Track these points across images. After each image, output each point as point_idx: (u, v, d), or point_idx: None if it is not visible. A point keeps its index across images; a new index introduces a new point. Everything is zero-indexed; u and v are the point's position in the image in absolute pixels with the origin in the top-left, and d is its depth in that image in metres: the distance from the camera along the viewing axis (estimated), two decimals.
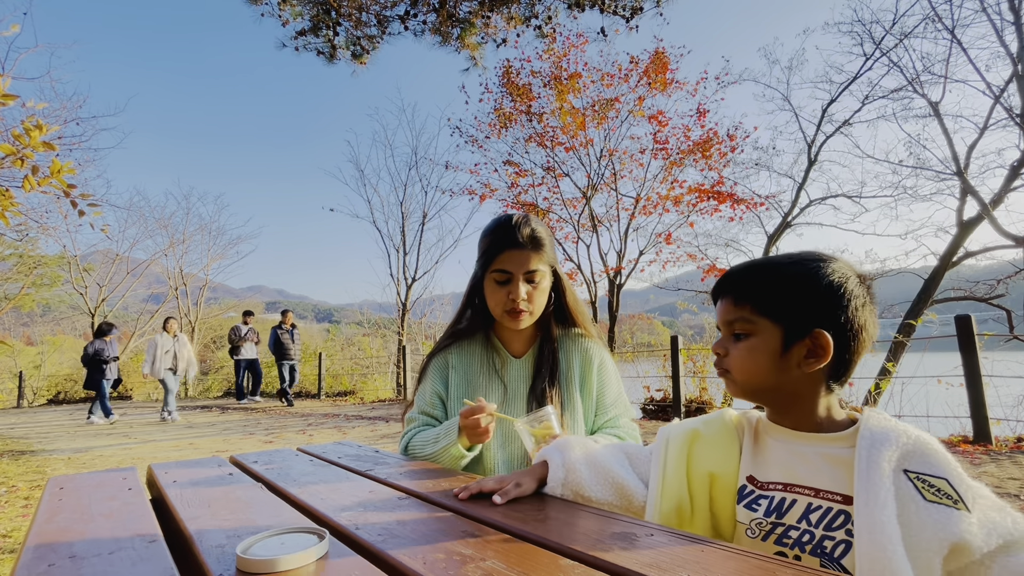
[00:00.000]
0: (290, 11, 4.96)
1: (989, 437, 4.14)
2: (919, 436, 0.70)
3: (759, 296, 0.77)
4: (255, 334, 10.26)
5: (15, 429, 8.37)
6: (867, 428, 0.72)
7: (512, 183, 11.80)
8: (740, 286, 0.79)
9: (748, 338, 0.77)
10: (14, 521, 3.03)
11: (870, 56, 10.70)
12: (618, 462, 0.90)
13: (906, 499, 0.65)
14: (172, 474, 1.10)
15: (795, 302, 0.75)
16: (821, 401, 0.77)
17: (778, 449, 0.79)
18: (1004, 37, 9.41)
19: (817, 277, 0.75)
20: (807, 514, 0.72)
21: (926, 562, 0.62)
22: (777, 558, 0.60)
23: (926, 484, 0.65)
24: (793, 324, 0.74)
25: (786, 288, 0.75)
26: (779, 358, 0.75)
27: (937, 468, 0.67)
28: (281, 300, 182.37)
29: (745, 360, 0.77)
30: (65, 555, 0.66)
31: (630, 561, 0.59)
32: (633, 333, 15.66)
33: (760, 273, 0.78)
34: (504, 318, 1.26)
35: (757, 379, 0.78)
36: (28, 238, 15.72)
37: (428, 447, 1.20)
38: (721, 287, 0.83)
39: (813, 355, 0.74)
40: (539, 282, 1.26)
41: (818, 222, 18.87)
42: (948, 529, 0.62)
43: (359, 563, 0.60)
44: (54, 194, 3.04)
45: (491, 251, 1.24)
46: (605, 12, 4.79)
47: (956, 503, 0.64)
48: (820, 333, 0.73)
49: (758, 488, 0.78)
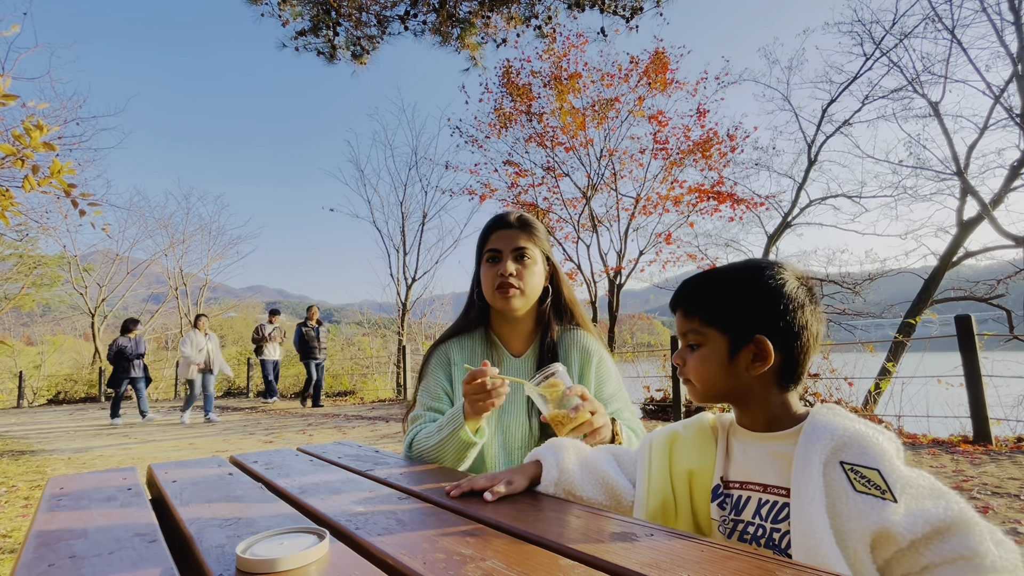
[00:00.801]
0: (290, 11, 4.96)
1: (989, 437, 4.14)
2: (857, 429, 0.72)
3: (705, 307, 0.82)
4: (280, 333, 9.79)
5: (15, 429, 8.37)
6: (811, 424, 0.75)
7: (512, 183, 11.81)
8: (689, 299, 0.84)
9: (700, 348, 0.82)
10: (14, 521, 3.03)
11: (870, 56, 10.71)
12: (607, 463, 0.94)
13: (838, 490, 0.67)
14: (172, 474, 1.10)
15: (737, 311, 0.79)
16: (773, 400, 0.81)
17: (738, 449, 0.84)
18: (1004, 37, 9.42)
19: (756, 285, 0.79)
20: (759, 509, 0.77)
21: (853, 550, 0.64)
22: (778, 558, 0.60)
23: (858, 475, 0.68)
24: (737, 332, 0.79)
25: (728, 298, 0.80)
26: (728, 364, 0.80)
27: (870, 459, 0.69)
28: (281, 300, 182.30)
29: (699, 369, 0.82)
30: (65, 555, 0.66)
31: (630, 561, 0.59)
32: (633, 333, 15.68)
33: (706, 285, 0.83)
34: (495, 297, 1.27)
35: (711, 385, 0.82)
36: (28, 238, 15.73)
37: (433, 437, 1.17)
38: (675, 300, 0.87)
39: (759, 359, 0.78)
40: (529, 262, 1.27)
41: (818, 222, 18.86)
42: (871, 518, 0.64)
43: (359, 563, 0.60)
44: (54, 194, 3.04)
45: (483, 236, 1.31)
46: (605, 12, 4.79)
47: (884, 493, 0.66)
48: (761, 339, 0.77)
49: (727, 488, 0.83)
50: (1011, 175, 9.38)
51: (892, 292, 11.44)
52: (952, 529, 0.63)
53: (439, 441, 1.15)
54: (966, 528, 0.63)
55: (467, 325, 1.36)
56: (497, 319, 1.35)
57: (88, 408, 12.68)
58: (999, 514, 2.62)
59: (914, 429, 4.85)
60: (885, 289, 11.27)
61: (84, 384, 15.84)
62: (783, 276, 0.79)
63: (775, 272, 0.80)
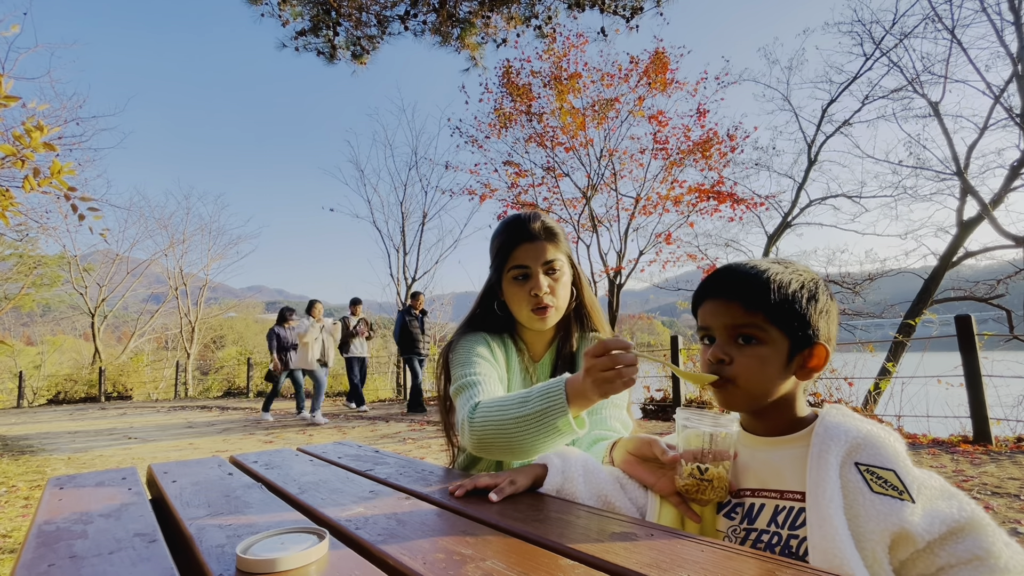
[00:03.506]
0: (290, 11, 4.96)
1: (989, 437, 4.13)
2: (870, 430, 0.72)
3: (773, 306, 0.76)
4: (366, 326, 8.25)
5: (15, 429, 8.37)
6: (822, 425, 0.74)
7: (512, 183, 11.81)
8: (754, 292, 0.77)
9: (759, 345, 0.76)
10: (14, 521, 3.03)
11: (870, 56, 10.71)
12: (612, 485, 0.90)
13: (855, 491, 0.67)
14: (172, 474, 1.10)
15: (804, 316, 0.76)
16: (797, 405, 0.80)
17: (747, 456, 0.82)
18: (1004, 37, 9.42)
19: (824, 293, 0.78)
20: (775, 516, 0.75)
21: (872, 551, 0.63)
22: (778, 558, 0.60)
23: (874, 476, 0.67)
24: (800, 337, 0.76)
25: (801, 301, 0.76)
26: (783, 369, 0.77)
27: (885, 460, 0.68)
28: (281, 300, 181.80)
29: (754, 369, 0.76)
30: (65, 555, 0.66)
31: (630, 561, 0.59)
32: (633, 333, 15.68)
33: (776, 283, 0.76)
34: (531, 319, 1.18)
35: (762, 389, 0.77)
36: (28, 238, 15.74)
37: (512, 409, 0.95)
38: (725, 288, 0.79)
39: (814, 368, 0.77)
40: (560, 273, 1.20)
41: (818, 222, 18.87)
42: (890, 519, 0.64)
43: (359, 563, 0.60)
44: (54, 194, 3.04)
45: (504, 249, 1.19)
46: (605, 12, 4.79)
47: (901, 494, 0.65)
48: (823, 348, 0.76)
49: (734, 496, 0.81)
50: (1011, 175, 9.38)
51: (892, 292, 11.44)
52: (966, 530, 0.64)
53: (525, 417, 0.93)
54: (980, 529, 0.64)
55: (493, 327, 1.26)
56: (519, 324, 1.27)
57: (88, 408, 12.68)
58: (999, 514, 2.62)
59: (914, 429, 4.84)
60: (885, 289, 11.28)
61: (84, 384, 15.84)
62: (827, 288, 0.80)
63: (822, 281, 0.80)
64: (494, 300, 1.26)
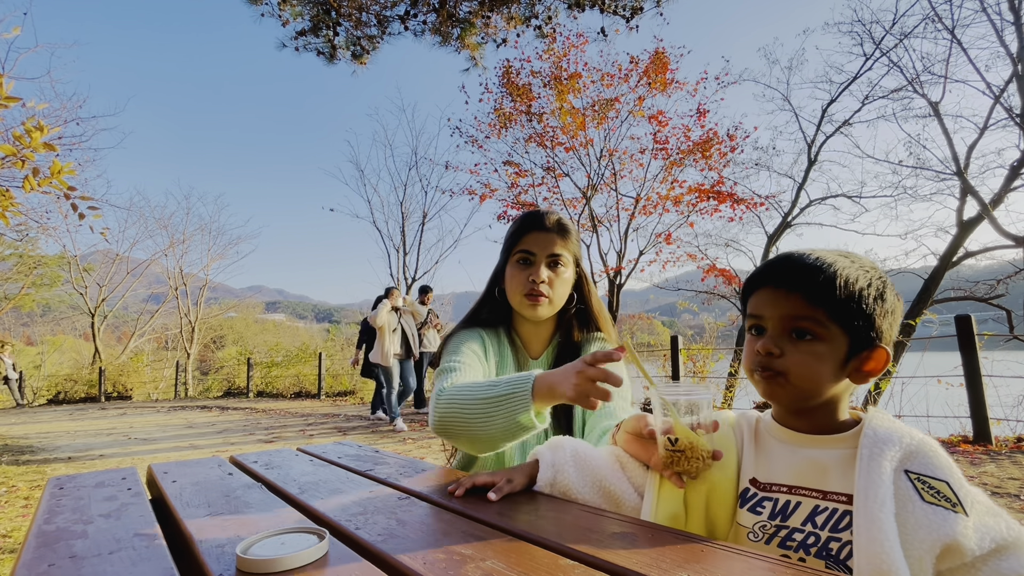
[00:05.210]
0: (290, 11, 4.96)
1: (989, 437, 4.13)
2: (922, 438, 0.70)
3: (837, 301, 0.71)
4: (436, 318, 7.34)
5: (15, 429, 8.37)
6: (871, 427, 0.72)
7: (512, 183, 11.81)
8: (815, 285, 0.72)
9: (816, 342, 0.72)
10: (14, 521, 3.03)
11: (870, 56, 10.71)
12: (610, 467, 0.88)
13: (904, 499, 0.65)
14: (172, 474, 1.10)
15: (870, 316, 0.72)
16: (842, 407, 0.77)
17: (783, 451, 0.78)
18: (1004, 37, 9.42)
19: (892, 294, 0.74)
20: (813, 516, 0.71)
21: (918, 560, 0.63)
22: (778, 558, 0.59)
23: (926, 485, 0.66)
24: (862, 337, 0.72)
25: (867, 300, 0.72)
26: (840, 368, 0.73)
27: (938, 471, 0.67)
28: (281, 300, 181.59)
29: (810, 365, 0.72)
30: (65, 555, 0.66)
31: (630, 561, 0.59)
32: (633, 333, 15.66)
33: (839, 276, 0.71)
34: (522, 303, 1.21)
35: (815, 387, 0.73)
36: (28, 238, 15.75)
37: (479, 391, 0.96)
38: (786, 277, 0.75)
39: (870, 370, 0.73)
40: (562, 270, 1.22)
41: (818, 222, 18.91)
42: (943, 530, 0.62)
43: (359, 563, 0.60)
44: (54, 194, 3.04)
45: (515, 235, 1.23)
46: (605, 12, 4.80)
47: (955, 506, 0.64)
48: (885, 351, 0.72)
49: (761, 490, 0.77)
50: (1011, 175, 9.38)
51: None
52: (1011, 548, 0.64)
53: (487, 399, 0.94)
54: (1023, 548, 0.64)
55: (490, 320, 1.29)
56: (519, 319, 1.30)
57: (88, 408, 12.68)
58: None
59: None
60: None
61: (84, 384, 15.84)
62: (893, 285, 0.75)
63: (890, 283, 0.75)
64: (496, 286, 1.29)
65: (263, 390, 13.41)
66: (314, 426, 6.99)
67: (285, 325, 43.08)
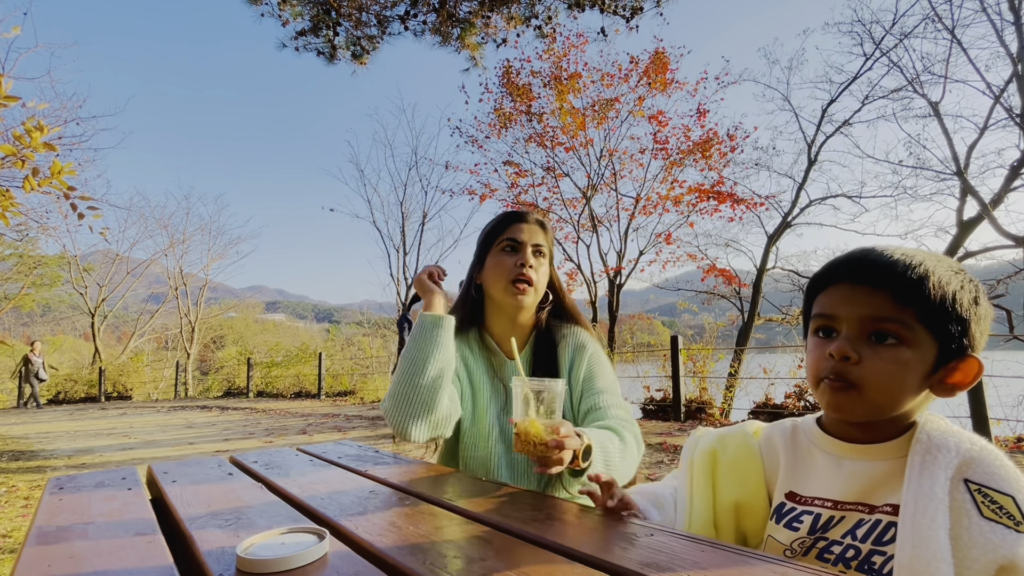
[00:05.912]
0: (290, 11, 4.96)
1: (989, 437, 4.14)
2: (984, 445, 0.63)
3: (930, 303, 0.63)
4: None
5: (15, 429, 8.37)
6: (924, 432, 0.65)
7: (512, 183, 11.81)
8: (905, 283, 0.63)
9: (900, 347, 0.64)
10: (14, 521, 3.03)
11: (870, 56, 10.69)
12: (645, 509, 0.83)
13: (959, 512, 0.59)
14: (172, 474, 1.10)
15: (965, 321, 0.64)
16: (911, 419, 0.70)
17: (826, 462, 0.72)
18: (1004, 37, 9.40)
19: (982, 297, 0.66)
20: (854, 529, 0.66)
21: None
22: (779, 558, 0.59)
23: (987, 499, 0.59)
24: (952, 344, 0.64)
25: (960, 303, 0.64)
26: (925, 378, 0.65)
27: (1005, 484, 0.60)
28: (281, 300, 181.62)
29: (893, 373, 0.64)
30: (65, 555, 0.66)
31: (630, 561, 0.59)
32: (633, 333, 15.65)
33: (931, 275, 0.63)
34: (508, 291, 1.19)
35: (895, 399, 0.65)
36: (28, 238, 15.74)
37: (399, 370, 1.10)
38: (869, 273, 0.66)
39: (957, 383, 0.66)
40: (544, 259, 1.24)
41: (818, 222, 18.88)
42: (1000, 551, 0.56)
43: (359, 563, 0.60)
44: (54, 194, 3.04)
45: (498, 228, 1.24)
46: (605, 12, 4.79)
47: (1019, 524, 0.57)
48: (976, 361, 0.65)
49: (800, 504, 0.71)
50: (1011, 175, 9.37)
51: None
52: None
53: (410, 345, 1.11)
54: None
55: (459, 325, 1.24)
56: (494, 317, 1.27)
57: (88, 408, 12.68)
58: None
59: None
60: None
61: (84, 384, 15.84)
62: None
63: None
64: (472, 286, 1.29)
65: (263, 390, 13.41)
66: (314, 426, 6.99)
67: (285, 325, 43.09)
